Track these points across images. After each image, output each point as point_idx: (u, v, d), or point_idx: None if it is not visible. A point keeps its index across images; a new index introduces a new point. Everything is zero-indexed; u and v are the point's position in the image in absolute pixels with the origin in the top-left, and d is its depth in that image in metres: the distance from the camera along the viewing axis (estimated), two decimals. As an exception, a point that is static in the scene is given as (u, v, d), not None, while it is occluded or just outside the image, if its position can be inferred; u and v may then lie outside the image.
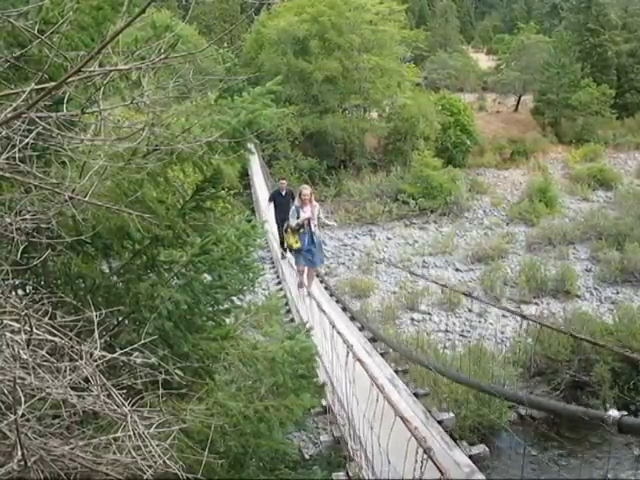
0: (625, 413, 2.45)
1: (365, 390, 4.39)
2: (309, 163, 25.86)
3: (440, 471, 2.01)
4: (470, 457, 4.02)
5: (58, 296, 2.17)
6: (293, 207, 8.71)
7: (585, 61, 34.44)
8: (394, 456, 2.76)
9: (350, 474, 4.00)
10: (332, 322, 4.24)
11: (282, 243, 11.41)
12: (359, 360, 3.10)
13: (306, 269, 8.91)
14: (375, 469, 3.59)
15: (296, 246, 8.58)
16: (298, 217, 8.51)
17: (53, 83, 1.72)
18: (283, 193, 11.84)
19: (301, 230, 8.52)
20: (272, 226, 12.65)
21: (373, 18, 28.29)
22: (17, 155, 1.73)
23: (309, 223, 8.51)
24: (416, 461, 2.09)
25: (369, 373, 2.85)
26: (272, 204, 12.16)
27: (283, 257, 11.91)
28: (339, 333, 3.82)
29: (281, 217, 11.28)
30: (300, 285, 8.90)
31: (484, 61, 48.53)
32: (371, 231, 22.30)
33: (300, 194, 8.71)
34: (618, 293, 16.42)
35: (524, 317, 3.85)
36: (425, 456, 2.05)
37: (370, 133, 28.76)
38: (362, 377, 3.33)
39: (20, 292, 2.46)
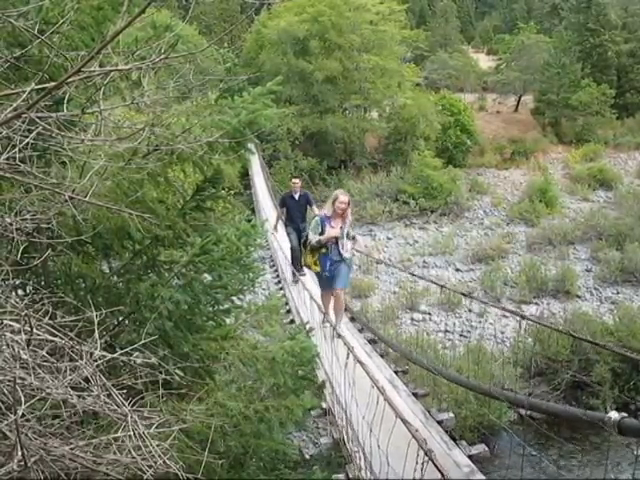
0: (625, 415, 2.45)
1: (365, 392, 4.38)
2: (309, 163, 25.90)
3: (441, 473, 2.00)
4: (470, 457, 4.02)
5: (58, 296, 2.17)
6: (317, 217, 6.41)
7: (585, 61, 34.49)
8: (394, 458, 2.76)
9: (350, 476, 4.00)
10: (333, 324, 4.24)
11: (293, 260, 9.32)
12: (359, 362, 3.10)
13: (332, 300, 6.67)
14: (374, 471, 3.59)
15: (314, 269, 6.52)
16: (322, 232, 6.23)
17: (53, 83, 1.72)
18: (296, 196, 9.35)
19: (323, 250, 6.30)
20: (280, 237, 10.38)
21: (373, 18, 28.35)
22: (17, 155, 1.73)
23: (336, 243, 6.28)
24: (417, 463, 2.08)
25: (370, 375, 2.85)
26: (284, 210, 9.73)
27: (295, 280, 9.31)
28: (340, 335, 3.81)
29: (293, 226, 9.35)
30: (323, 320, 6.39)
31: (484, 61, 48.56)
32: (371, 231, 22.31)
33: (335, 201, 6.30)
34: (618, 293, 16.42)
35: (523, 317, 3.85)
36: (426, 458, 2.04)
37: (370, 133, 28.81)
38: (362, 379, 3.32)
39: (20, 292, 2.46)
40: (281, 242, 10.59)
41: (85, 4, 2.40)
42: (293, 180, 9.78)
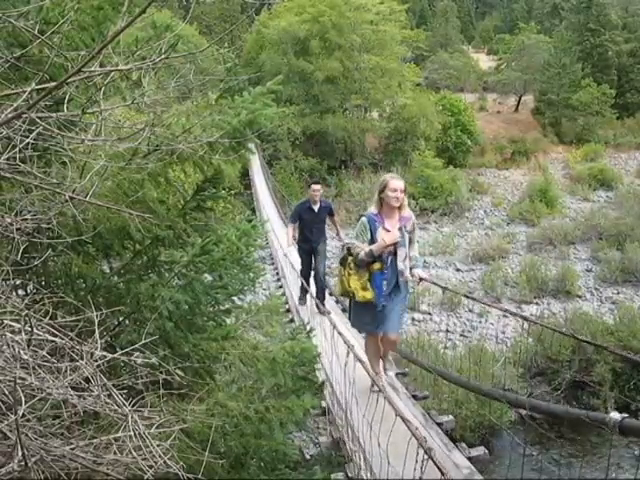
0: (626, 415, 2.45)
1: (365, 391, 4.37)
2: (310, 163, 25.93)
3: (441, 472, 2.00)
4: (469, 459, 4.01)
5: (59, 296, 2.17)
6: (363, 218, 4.33)
7: (585, 61, 34.55)
8: (394, 457, 2.76)
9: (349, 475, 4.00)
10: (333, 322, 4.24)
11: (301, 290, 7.55)
12: (360, 360, 3.10)
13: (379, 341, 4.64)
14: (374, 470, 3.59)
15: (363, 296, 4.26)
16: (372, 239, 4.24)
17: (54, 83, 1.72)
18: (315, 208, 7.10)
19: (376, 266, 4.26)
20: (292, 258, 8.30)
21: (374, 18, 28.39)
22: (18, 155, 1.73)
23: (395, 254, 4.28)
24: (416, 461, 2.08)
25: (370, 374, 2.84)
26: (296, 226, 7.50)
27: (302, 302, 7.63)
28: (340, 334, 3.81)
29: (305, 247, 7.32)
30: (375, 368, 4.55)
31: (485, 61, 48.61)
32: (372, 231, 22.28)
33: (383, 190, 4.21)
34: (619, 293, 16.42)
35: (525, 319, 3.85)
36: (425, 456, 2.05)
37: (371, 133, 28.84)
38: (362, 378, 3.32)
39: (21, 292, 2.46)
40: (290, 256, 8.55)
41: (85, 4, 2.40)
42: (313, 187, 7.13)
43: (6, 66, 2.05)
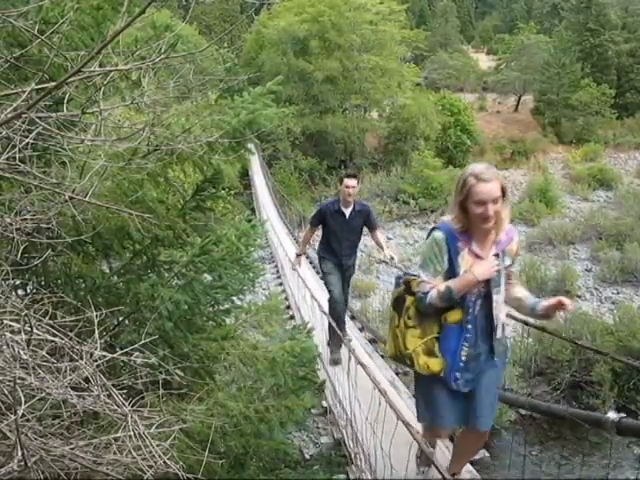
0: (624, 415, 2.45)
1: (367, 393, 4.36)
2: (309, 163, 25.97)
3: (442, 476, 2.00)
4: (471, 462, 4.00)
5: (58, 296, 2.16)
6: (439, 233, 2.51)
7: (585, 61, 34.59)
8: (396, 460, 2.75)
9: (350, 477, 3.99)
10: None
11: (334, 323, 4.68)
12: (361, 364, 3.09)
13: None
14: (376, 472, 3.58)
15: (425, 365, 2.58)
16: (451, 271, 2.52)
17: (53, 83, 1.72)
18: (347, 211, 5.30)
19: (453, 316, 2.57)
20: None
21: (373, 18, 28.42)
22: (17, 155, 1.73)
23: (486, 296, 2.62)
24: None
25: (371, 377, 2.84)
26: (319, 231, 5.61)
27: (335, 359, 5.28)
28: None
29: (333, 260, 5.46)
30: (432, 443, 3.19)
31: (484, 61, 48.64)
32: (371, 231, 22.33)
33: (469, 193, 2.37)
34: (618, 293, 16.43)
35: (526, 323, 3.85)
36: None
37: (370, 133, 28.88)
38: (364, 380, 3.31)
39: (20, 292, 2.46)
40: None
41: (85, 4, 2.40)
42: (346, 182, 5.15)
43: (6, 66, 2.05)
